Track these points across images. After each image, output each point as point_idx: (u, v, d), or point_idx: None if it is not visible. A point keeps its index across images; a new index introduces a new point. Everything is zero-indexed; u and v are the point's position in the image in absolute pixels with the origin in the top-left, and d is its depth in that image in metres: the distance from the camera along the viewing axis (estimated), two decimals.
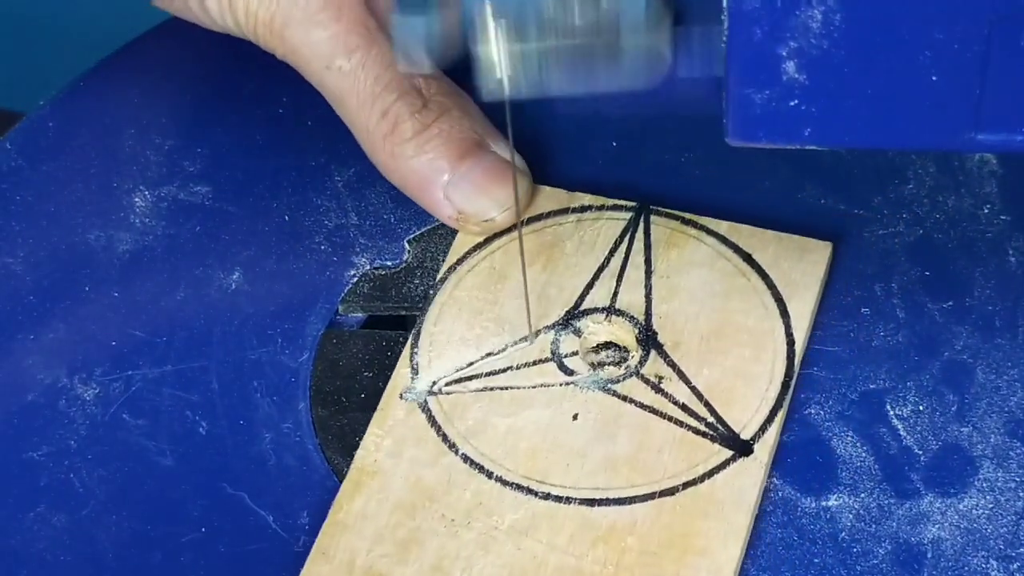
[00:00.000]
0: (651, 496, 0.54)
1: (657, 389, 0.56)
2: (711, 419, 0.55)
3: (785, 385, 0.56)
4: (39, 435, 0.59)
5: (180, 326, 0.62)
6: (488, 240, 0.61)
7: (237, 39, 0.64)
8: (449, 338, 0.59)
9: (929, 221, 0.61)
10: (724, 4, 0.46)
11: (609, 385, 0.57)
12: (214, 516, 0.56)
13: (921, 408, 0.56)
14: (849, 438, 0.56)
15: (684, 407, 0.56)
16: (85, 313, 0.62)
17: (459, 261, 0.61)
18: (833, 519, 0.54)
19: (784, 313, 0.58)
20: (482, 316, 0.59)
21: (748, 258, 0.59)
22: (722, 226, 0.60)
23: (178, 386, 0.60)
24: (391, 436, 0.56)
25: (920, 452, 0.55)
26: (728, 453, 0.55)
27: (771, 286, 0.58)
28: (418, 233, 0.63)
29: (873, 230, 0.61)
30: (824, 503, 0.54)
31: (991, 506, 0.54)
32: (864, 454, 0.55)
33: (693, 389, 0.56)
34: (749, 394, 0.56)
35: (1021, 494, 0.54)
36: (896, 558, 0.53)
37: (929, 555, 0.53)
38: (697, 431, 0.55)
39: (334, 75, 0.61)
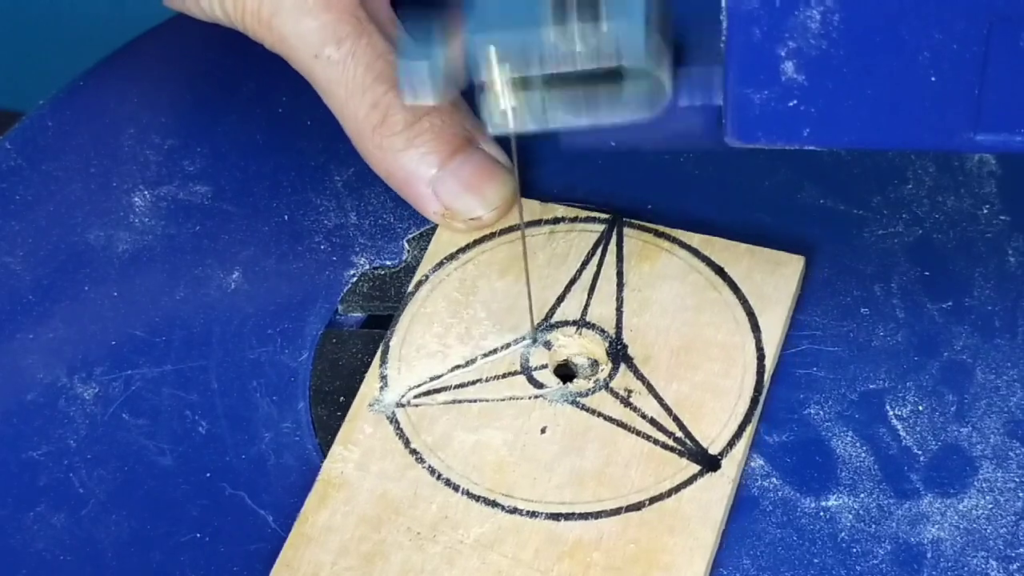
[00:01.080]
0: (617, 511, 0.54)
1: (626, 403, 0.56)
2: (679, 434, 0.55)
3: (754, 400, 0.56)
4: (39, 434, 0.59)
5: (180, 326, 0.62)
6: (460, 251, 0.61)
7: (236, 38, 0.64)
8: (419, 350, 0.58)
9: (929, 221, 0.61)
10: (723, 4, 0.46)
11: (578, 398, 0.57)
12: (213, 516, 0.56)
13: (921, 408, 0.56)
14: (849, 438, 0.56)
15: (653, 421, 0.56)
16: (84, 312, 0.62)
17: (430, 272, 0.61)
18: (833, 519, 0.54)
19: (755, 327, 0.57)
20: (452, 328, 0.59)
21: (720, 271, 0.59)
22: (694, 239, 0.60)
23: (178, 386, 0.60)
24: (358, 448, 0.56)
25: (920, 452, 0.55)
26: (696, 468, 0.54)
27: (742, 300, 0.58)
28: (418, 233, 0.63)
29: (873, 230, 0.61)
30: (824, 503, 0.54)
31: (991, 506, 0.54)
32: (864, 454, 0.55)
33: (662, 403, 0.56)
34: (718, 409, 0.56)
35: (1020, 494, 0.54)
36: (896, 558, 0.53)
37: (929, 555, 0.53)
38: (665, 446, 0.55)
39: (323, 64, 0.61)
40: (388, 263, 0.63)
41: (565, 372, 0.58)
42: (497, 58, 0.49)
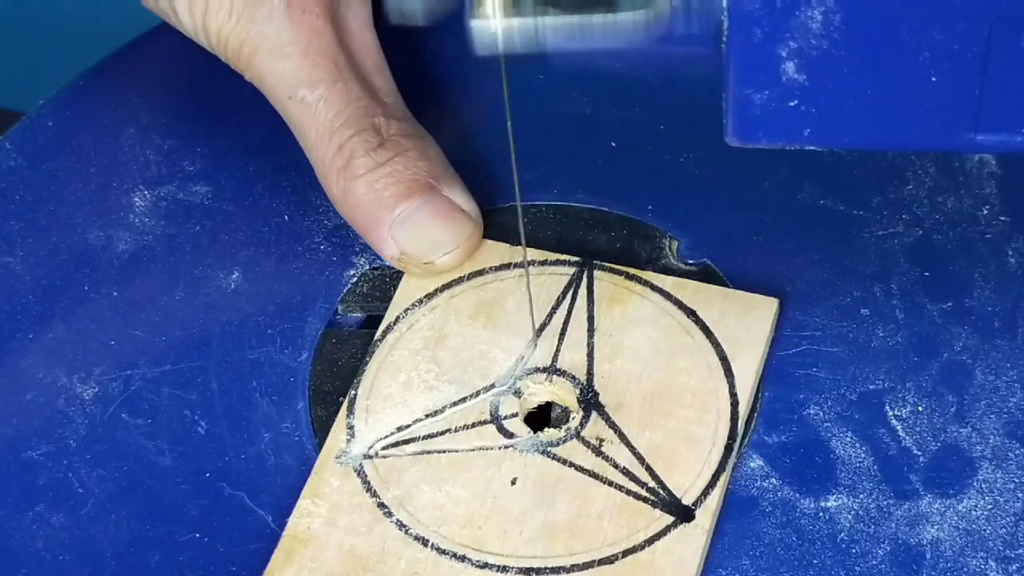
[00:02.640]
0: (590, 565, 0.52)
1: (598, 452, 0.55)
2: (652, 483, 0.54)
3: (728, 448, 0.55)
4: (38, 434, 0.59)
5: (179, 326, 0.62)
6: (428, 297, 0.60)
7: None
8: (386, 399, 0.57)
9: (928, 222, 0.61)
10: (724, 4, 0.46)
11: (549, 448, 0.55)
12: (213, 516, 0.56)
13: (920, 409, 0.56)
14: (848, 439, 0.56)
15: (625, 471, 0.54)
16: (84, 312, 0.62)
17: (398, 319, 0.60)
18: (832, 520, 0.54)
19: (728, 372, 0.56)
20: (420, 376, 0.58)
21: (693, 315, 0.58)
22: (666, 281, 0.59)
23: (177, 386, 0.60)
24: (325, 502, 0.55)
25: (919, 453, 0.55)
26: (669, 519, 0.53)
27: (715, 344, 0.57)
28: None
29: (872, 231, 0.61)
30: (823, 504, 0.54)
31: (990, 507, 0.54)
32: (863, 455, 0.55)
33: (634, 452, 0.55)
34: (691, 457, 0.55)
35: (1020, 495, 0.54)
36: (895, 559, 0.53)
37: (928, 556, 0.53)
38: (638, 496, 0.54)
39: (296, 105, 0.61)
40: (388, 263, 0.63)
41: (537, 419, 0.57)
42: None
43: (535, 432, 0.56)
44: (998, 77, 0.46)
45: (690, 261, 0.61)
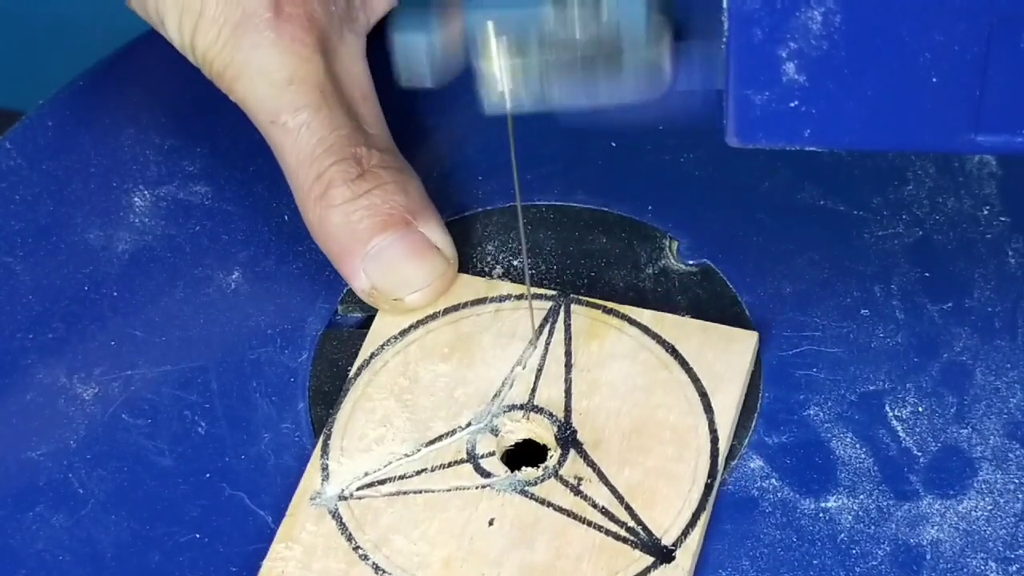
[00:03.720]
0: None
1: (576, 491, 0.54)
2: (632, 523, 0.53)
3: (708, 487, 0.54)
4: (38, 435, 0.59)
5: (179, 326, 0.62)
6: (403, 333, 0.59)
7: None
8: (361, 439, 0.56)
9: (929, 222, 0.61)
10: (724, 5, 0.46)
11: (527, 487, 0.54)
12: (213, 516, 0.56)
13: (920, 409, 0.56)
14: (848, 439, 0.56)
15: (604, 511, 0.54)
16: (84, 313, 0.62)
17: (372, 356, 0.59)
18: (832, 520, 0.54)
19: (708, 408, 0.56)
20: (395, 415, 0.57)
21: (672, 349, 0.57)
22: (645, 315, 0.58)
23: (177, 386, 0.60)
24: (300, 545, 0.54)
25: (919, 453, 0.55)
26: (649, 560, 0.52)
27: (695, 379, 0.56)
28: None
29: (872, 231, 0.61)
30: (823, 504, 0.54)
31: (990, 508, 0.54)
32: (863, 455, 0.55)
33: (613, 491, 0.54)
34: (671, 496, 0.54)
35: (1020, 496, 0.54)
36: (895, 560, 0.53)
37: (928, 557, 0.53)
38: (617, 536, 0.53)
39: (277, 130, 0.61)
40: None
41: (515, 455, 0.57)
42: (495, 35, 0.49)
43: (512, 471, 0.55)
44: (998, 78, 0.46)
45: (690, 261, 0.61)
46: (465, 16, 0.49)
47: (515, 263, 0.62)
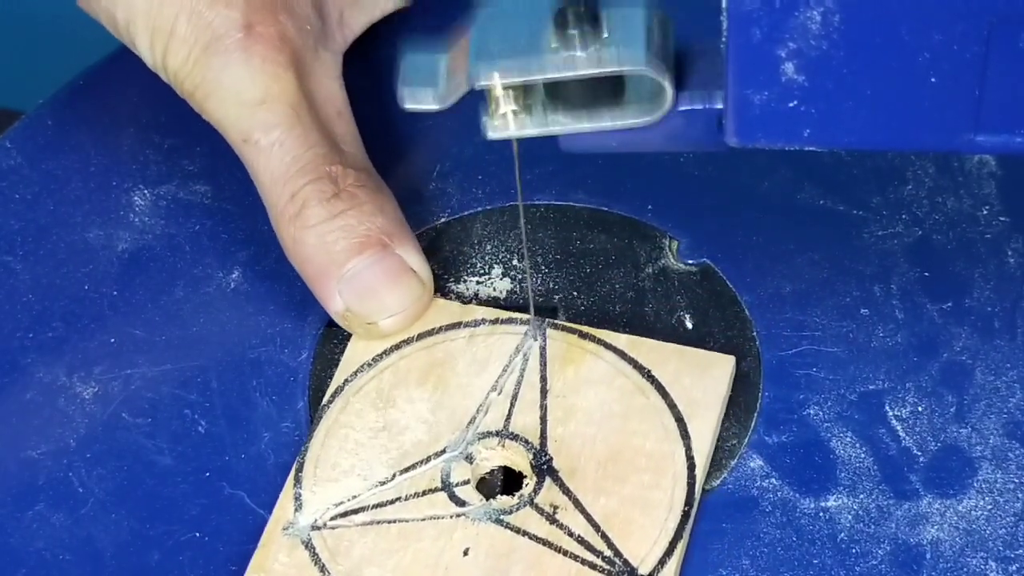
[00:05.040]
0: None
1: (552, 520, 0.54)
2: (608, 552, 0.53)
3: (685, 515, 0.53)
4: (38, 433, 0.59)
5: (179, 325, 0.62)
6: (376, 359, 0.58)
7: None
8: (334, 467, 0.56)
9: (928, 222, 0.61)
10: (724, 5, 0.46)
11: (502, 516, 0.54)
12: (213, 515, 0.56)
13: (920, 409, 0.56)
14: (848, 439, 0.56)
15: (580, 539, 0.53)
16: (84, 312, 0.62)
17: (345, 382, 0.58)
18: (832, 520, 0.54)
19: (684, 434, 0.55)
20: (369, 443, 0.56)
21: (648, 375, 0.57)
22: (621, 340, 0.58)
23: (177, 385, 0.60)
24: None
25: (919, 453, 0.55)
26: None
27: (671, 405, 0.56)
28: (417, 233, 0.63)
29: (872, 231, 0.61)
30: (823, 504, 0.54)
31: (990, 507, 0.54)
32: (863, 455, 0.55)
33: (589, 519, 0.53)
34: (648, 524, 0.53)
35: (1020, 495, 0.54)
36: (895, 559, 0.53)
37: (928, 556, 0.53)
38: (593, 565, 0.52)
39: (251, 148, 0.60)
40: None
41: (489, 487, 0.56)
42: (500, 82, 0.49)
43: (487, 499, 0.55)
44: (997, 78, 0.46)
45: (690, 261, 0.61)
46: (470, 62, 0.49)
47: (515, 263, 0.62)
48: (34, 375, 0.61)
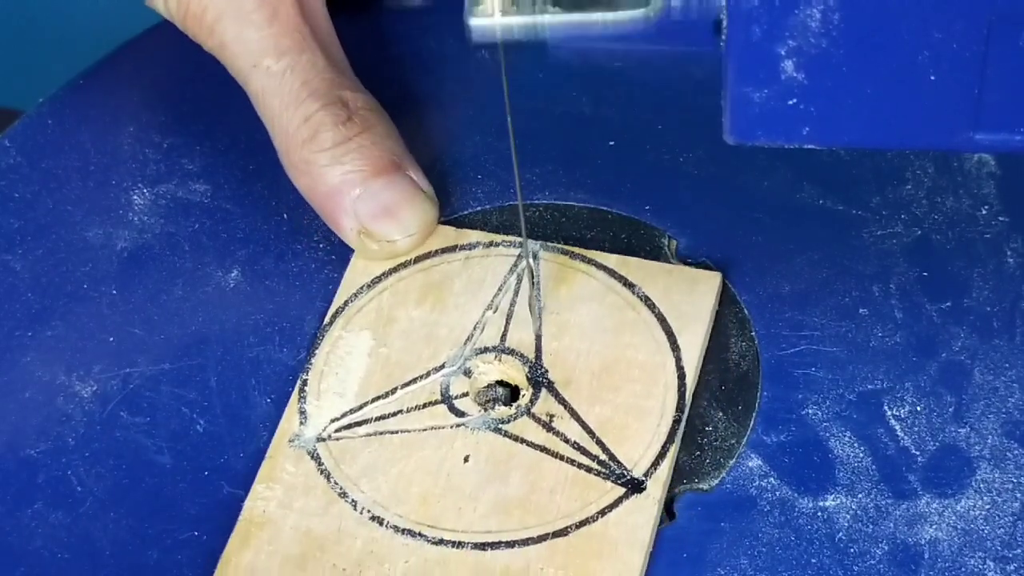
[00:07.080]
0: (544, 537, 0.53)
1: (548, 428, 0.56)
2: (603, 456, 0.55)
3: (676, 420, 0.55)
4: (37, 432, 0.59)
5: (178, 324, 0.62)
6: (375, 281, 0.60)
7: None
8: (338, 382, 0.58)
9: (927, 222, 0.61)
10: (723, 2, 0.46)
11: (500, 425, 0.56)
12: (212, 514, 0.56)
13: (919, 409, 0.56)
14: (847, 438, 0.56)
15: (576, 445, 0.55)
16: (83, 311, 0.62)
17: (346, 303, 0.60)
18: (830, 520, 0.54)
19: (674, 347, 0.57)
20: (370, 359, 0.58)
21: (638, 291, 0.59)
22: (611, 259, 0.60)
23: (176, 384, 0.60)
24: (280, 485, 0.55)
25: (917, 453, 0.55)
26: (621, 491, 0.54)
27: (661, 319, 0.58)
28: None
29: (871, 230, 0.61)
30: (821, 503, 0.54)
31: (988, 507, 0.54)
32: (861, 455, 0.55)
33: (585, 427, 0.55)
34: (641, 430, 0.55)
35: (1018, 495, 0.54)
36: (893, 559, 0.53)
37: (926, 556, 0.53)
38: (589, 469, 0.54)
39: (260, 74, 0.61)
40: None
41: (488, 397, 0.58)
42: None
43: (486, 411, 0.57)
44: (997, 76, 0.46)
45: (689, 261, 0.61)
46: None
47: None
48: (33, 373, 0.61)
